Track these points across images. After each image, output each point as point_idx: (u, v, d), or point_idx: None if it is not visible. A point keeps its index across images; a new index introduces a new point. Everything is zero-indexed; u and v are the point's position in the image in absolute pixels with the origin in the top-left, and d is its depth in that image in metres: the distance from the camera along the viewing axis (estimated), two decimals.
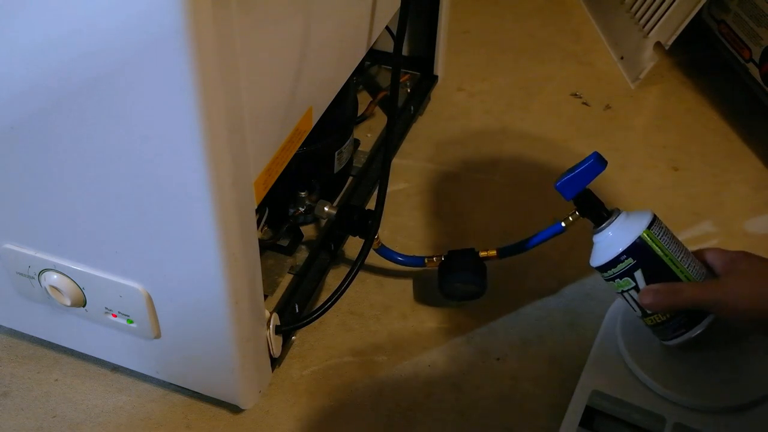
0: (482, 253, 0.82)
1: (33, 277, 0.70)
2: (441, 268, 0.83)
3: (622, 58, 1.22)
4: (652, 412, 0.71)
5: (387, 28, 0.92)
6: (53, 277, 0.68)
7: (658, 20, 1.13)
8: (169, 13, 0.47)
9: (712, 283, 0.69)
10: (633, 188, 1.01)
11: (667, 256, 0.69)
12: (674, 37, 1.10)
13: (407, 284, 0.88)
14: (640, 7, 1.19)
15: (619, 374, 0.74)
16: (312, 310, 0.76)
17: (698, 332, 0.70)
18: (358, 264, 0.77)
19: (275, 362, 0.78)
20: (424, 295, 0.87)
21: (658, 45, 1.13)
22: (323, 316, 0.77)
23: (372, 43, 0.84)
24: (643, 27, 1.17)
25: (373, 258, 0.86)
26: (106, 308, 0.69)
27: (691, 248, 0.72)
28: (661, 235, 0.70)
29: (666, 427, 0.70)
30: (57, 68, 0.52)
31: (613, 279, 0.71)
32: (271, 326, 0.73)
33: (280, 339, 0.75)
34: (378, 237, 0.81)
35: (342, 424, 0.76)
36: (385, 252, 0.84)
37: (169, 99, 0.51)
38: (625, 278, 0.70)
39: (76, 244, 0.66)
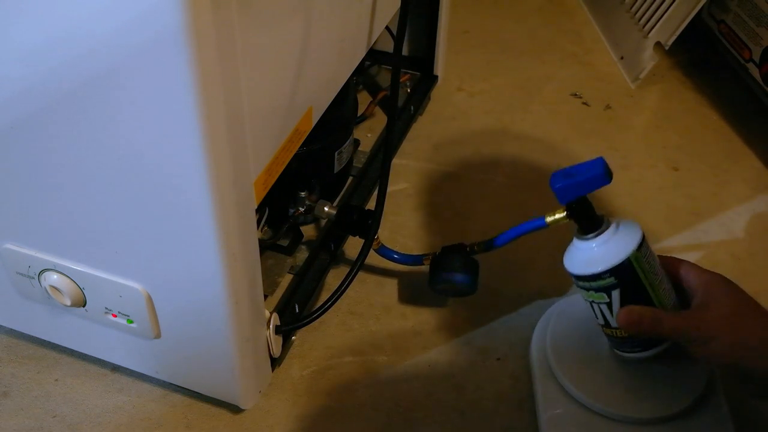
0: (469, 247, 0.81)
1: (33, 277, 0.70)
2: (431, 265, 0.83)
3: (622, 58, 1.22)
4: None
5: (387, 28, 0.92)
6: (53, 277, 0.68)
7: (658, 20, 1.13)
8: (169, 13, 0.47)
9: (692, 317, 0.67)
10: (633, 188, 1.01)
11: (647, 279, 0.67)
12: (674, 37, 1.10)
13: (407, 284, 0.88)
14: (640, 7, 1.19)
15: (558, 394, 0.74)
16: (312, 310, 0.76)
17: (653, 354, 0.70)
18: (358, 264, 0.77)
19: (275, 362, 0.78)
20: (424, 295, 0.87)
21: (658, 45, 1.13)
22: (323, 316, 0.77)
23: (372, 43, 0.84)
24: (643, 27, 1.17)
25: (373, 258, 0.86)
26: (106, 308, 0.69)
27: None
28: (646, 257, 0.67)
29: None
30: (57, 68, 0.52)
31: (586, 289, 0.69)
32: (271, 326, 0.73)
33: (280, 339, 0.75)
34: (378, 237, 0.81)
35: (342, 424, 0.76)
36: (384, 252, 0.84)
37: (169, 99, 0.51)
38: (601, 293, 0.68)
39: (76, 244, 0.66)
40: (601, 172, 0.66)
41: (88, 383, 0.78)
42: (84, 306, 0.70)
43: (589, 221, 0.68)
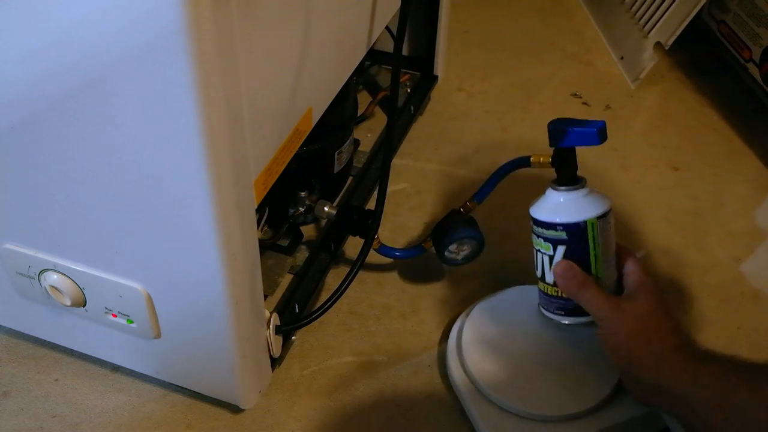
0: (462, 209, 0.82)
1: (33, 277, 0.70)
2: (433, 239, 0.83)
3: (622, 58, 1.22)
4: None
5: (387, 28, 0.92)
6: (53, 277, 0.68)
7: (658, 20, 1.13)
8: (169, 14, 0.47)
9: (613, 302, 0.69)
10: (633, 188, 1.01)
11: (594, 250, 0.70)
12: (674, 37, 1.10)
13: (407, 284, 0.88)
14: (640, 7, 1.19)
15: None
16: (312, 310, 0.76)
17: (571, 322, 0.73)
18: (358, 264, 0.77)
19: (275, 362, 0.78)
20: (423, 295, 0.87)
21: (658, 45, 1.13)
22: (323, 316, 0.77)
23: (372, 43, 0.84)
24: (643, 27, 1.17)
25: (373, 258, 0.86)
26: (106, 308, 0.69)
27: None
28: (603, 230, 0.70)
29: None
30: (57, 69, 0.52)
31: (538, 236, 0.72)
32: (271, 326, 0.73)
33: (280, 339, 0.75)
34: (378, 237, 0.81)
35: (342, 424, 0.76)
36: (385, 250, 0.84)
37: (168, 99, 0.51)
38: (548, 244, 0.71)
39: (76, 244, 0.66)
40: (593, 131, 0.69)
41: (88, 383, 0.78)
42: (84, 306, 0.70)
43: (567, 174, 0.71)
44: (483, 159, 1.05)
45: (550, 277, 0.72)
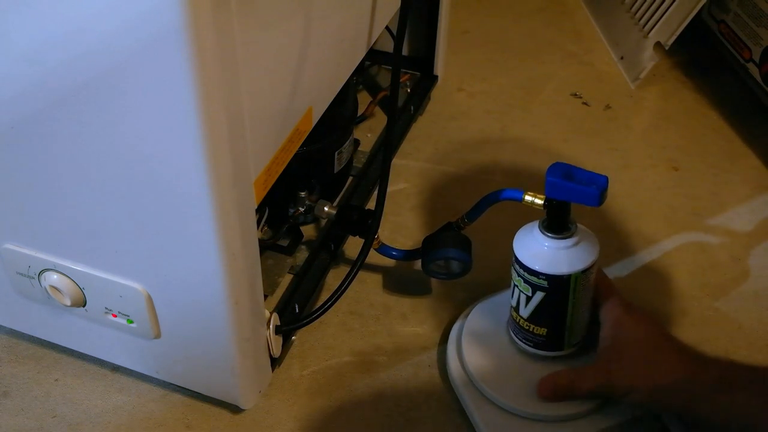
0: (456, 225, 0.81)
1: (33, 277, 0.70)
2: (423, 247, 0.82)
3: (622, 58, 1.22)
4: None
5: (387, 28, 0.92)
6: (53, 277, 0.68)
7: (658, 20, 1.13)
8: (169, 14, 0.47)
9: (605, 370, 0.69)
10: (633, 188, 1.01)
11: (573, 300, 0.70)
12: (674, 37, 1.10)
13: (407, 284, 0.88)
14: (640, 7, 1.19)
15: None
16: (312, 310, 0.76)
17: (542, 355, 0.74)
18: (358, 264, 0.77)
19: (275, 362, 0.78)
20: (424, 295, 0.87)
21: (658, 45, 1.13)
22: (323, 316, 0.77)
23: (372, 43, 0.84)
24: (643, 27, 1.17)
25: (373, 258, 0.86)
26: (106, 308, 0.69)
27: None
28: (586, 279, 0.69)
29: None
30: (57, 68, 0.52)
31: (518, 274, 0.71)
32: (271, 326, 0.73)
33: (280, 339, 0.75)
34: (378, 236, 0.81)
35: (342, 424, 0.76)
36: (385, 250, 0.84)
37: (168, 99, 0.51)
38: (527, 286, 0.70)
39: (76, 244, 0.66)
40: (595, 193, 0.65)
41: (88, 383, 0.78)
42: (84, 306, 0.70)
43: (558, 224, 0.69)
44: (483, 159, 1.05)
45: (524, 312, 0.72)
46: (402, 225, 0.95)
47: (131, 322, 0.69)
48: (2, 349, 0.81)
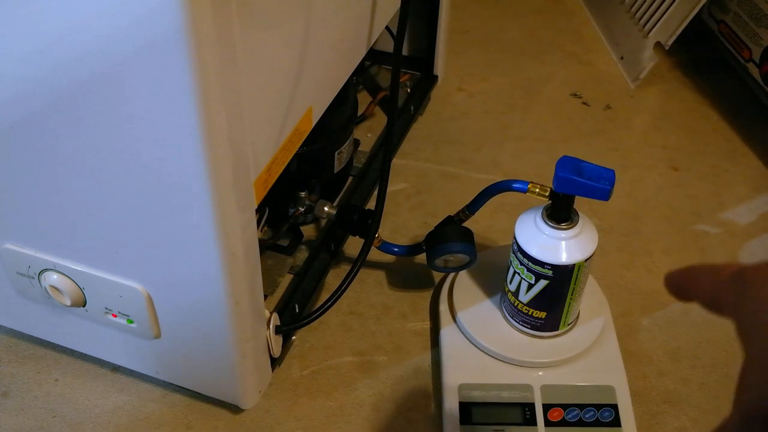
0: (456, 218, 0.81)
1: (33, 277, 0.70)
2: (426, 242, 0.82)
3: (622, 58, 1.22)
4: (518, 383, 0.74)
5: (387, 28, 0.92)
6: (53, 277, 0.68)
7: (658, 20, 1.13)
8: (169, 14, 0.47)
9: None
10: (633, 188, 1.01)
11: (575, 285, 0.71)
12: (674, 37, 1.10)
13: (407, 284, 0.88)
14: (640, 7, 1.19)
15: (475, 361, 0.77)
16: (312, 310, 0.76)
17: (539, 335, 0.76)
18: (358, 264, 0.77)
19: (275, 362, 0.78)
20: (424, 295, 0.87)
21: (658, 45, 1.13)
22: (323, 316, 0.77)
23: (372, 43, 0.84)
24: (643, 27, 1.17)
25: (373, 258, 0.86)
26: (106, 308, 0.69)
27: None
28: (587, 267, 0.71)
29: (535, 393, 0.73)
30: (57, 68, 0.52)
31: (521, 263, 0.72)
32: (271, 326, 0.73)
33: (280, 339, 0.75)
34: (379, 235, 0.81)
35: (342, 424, 0.76)
36: (385, 247, 0.84)
37: (168, 99, 0.51)
38: (531, 274, 0.71)
39: (76, 244, 0.66)
40: (607, 189, 0.66)
41: (88, 383, 0.78)
42: (84, 306, 0.70)
43: (562, 215, 0.70)
44: (483, 159, 1.05)
45: (524, 297, 0.74)
46: (402, 225, 0.95)
47: (131, 322, 0.69)
48: (2, 349, 0.81)
